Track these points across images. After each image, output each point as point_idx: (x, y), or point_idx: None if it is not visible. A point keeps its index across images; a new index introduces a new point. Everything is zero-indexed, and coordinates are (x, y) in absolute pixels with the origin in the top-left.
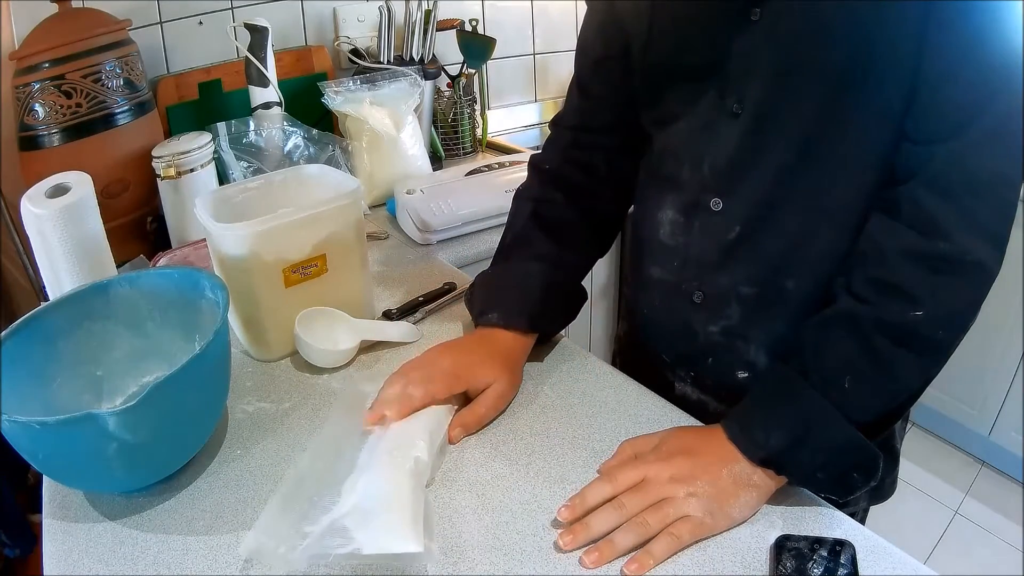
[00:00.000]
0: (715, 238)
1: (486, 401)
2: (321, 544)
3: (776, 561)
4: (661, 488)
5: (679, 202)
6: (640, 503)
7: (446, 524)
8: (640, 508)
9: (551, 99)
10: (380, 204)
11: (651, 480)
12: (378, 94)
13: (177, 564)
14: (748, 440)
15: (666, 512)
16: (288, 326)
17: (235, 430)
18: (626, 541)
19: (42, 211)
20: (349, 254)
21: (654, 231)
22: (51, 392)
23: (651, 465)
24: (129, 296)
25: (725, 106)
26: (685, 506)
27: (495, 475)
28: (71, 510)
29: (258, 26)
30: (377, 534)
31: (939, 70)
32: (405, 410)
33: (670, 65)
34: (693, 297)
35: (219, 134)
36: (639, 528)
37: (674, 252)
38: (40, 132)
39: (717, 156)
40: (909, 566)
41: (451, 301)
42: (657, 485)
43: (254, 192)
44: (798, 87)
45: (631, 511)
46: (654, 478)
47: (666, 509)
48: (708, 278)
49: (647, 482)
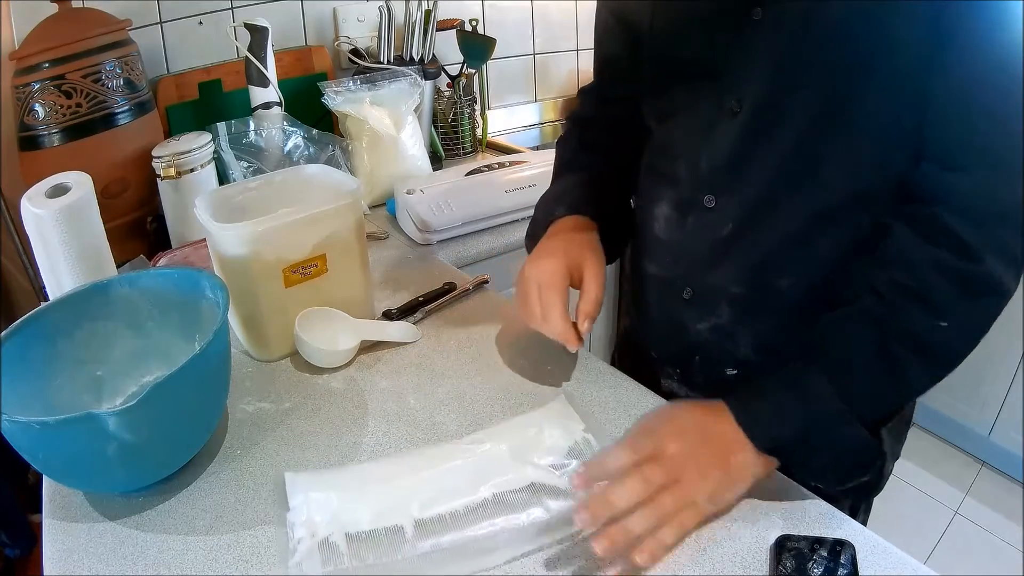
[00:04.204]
0: (707, 235)
1: (591, 285)
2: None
3: (776, 561)
4: (681, 468)
5: (675, 198)
6: (662, 480)
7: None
8: (659, 484)
9: (551, 99)
10: (380, 204)
11: (673, 457)
12: (378, 94)
13: (177, 564)
14: (759, 427)
15: (682, 497)
16: (288, 326)
17: (235, 430)
18: (642, 526)
19: (42, 211)
20: (349, 254)
21: (649, 226)
22: (51, 392)
23: (669, 441)
24: (129, 296)
25: (724, 104)
26: (696, 493)
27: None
28: (71, 510)
29: (258, 26)
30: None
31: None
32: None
33: (670, 61)
34: (683, 294)
35: (219, 134)
36: (656, 514)
37: (667, 248)
38: (40, 132)
39: (714, 154)
40: (909, 566)
41: (451, 301)
42: (677, 464)
43: (254, 192)
44: (798, 88)
45: (652, 488)
46: (674, 455)
47: (681, 492)
48: (698, 275)
49: (667, 458)
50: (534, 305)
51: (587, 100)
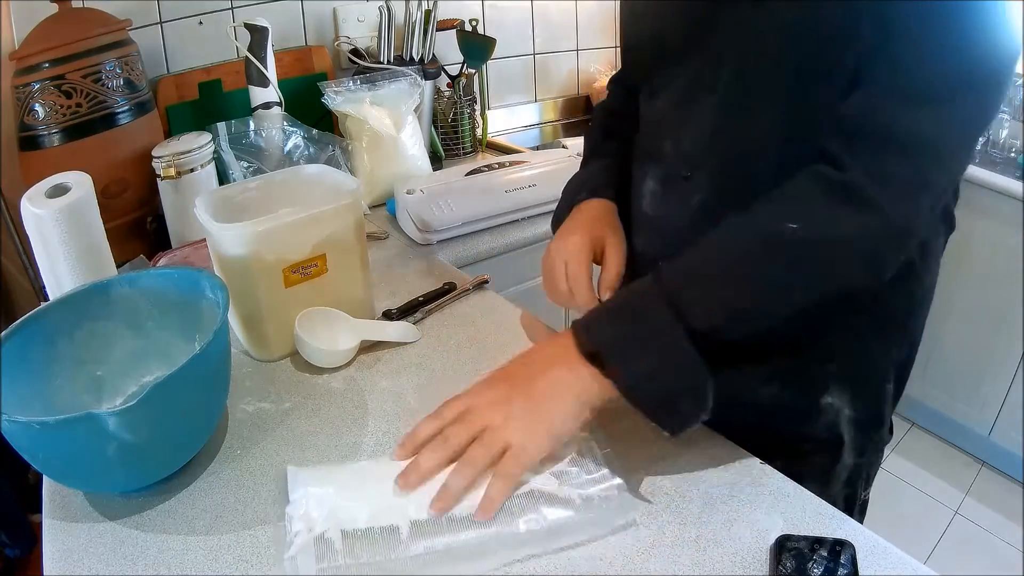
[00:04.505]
0: (682, 206)
1: (611, 260)
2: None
3: (776, 561)
4: (483, 415)
5: (659, 174)
6: (464, 434)
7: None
8: (465, 439)
9: (551, 99)
10: (380, 204)
11: (473, 409)
12: (378, 94)
13: (177, 564)
14: (585, 330)
15: (490, 441)
16: (288, 326)
17: (235, 430)
18: (459, 483)
19: (42, 211)
20: (349, 254)
21: (639, 202)
22: (51, 392)
23: (473, 395)
24: (129, 296)
25: (702, 82)
26: (505, 432)
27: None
28: (71, 510)
29: (258, 26)
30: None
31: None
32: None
33: (651, 41)
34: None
35: (219, 134)
36: (468, 468)
37: (652, 223)
38: (40, 132)
39: (693, 131)
40: (909, 566)
41: (451, 301)
42: (478, 413)
43: (254, 192)
44: (769, 72)
45: (455, 444)
46: (475, 406)
47: (489, 438)
48: (674, 245)
49: (469, 411)
50: (560, 280)
51: (615, 89)
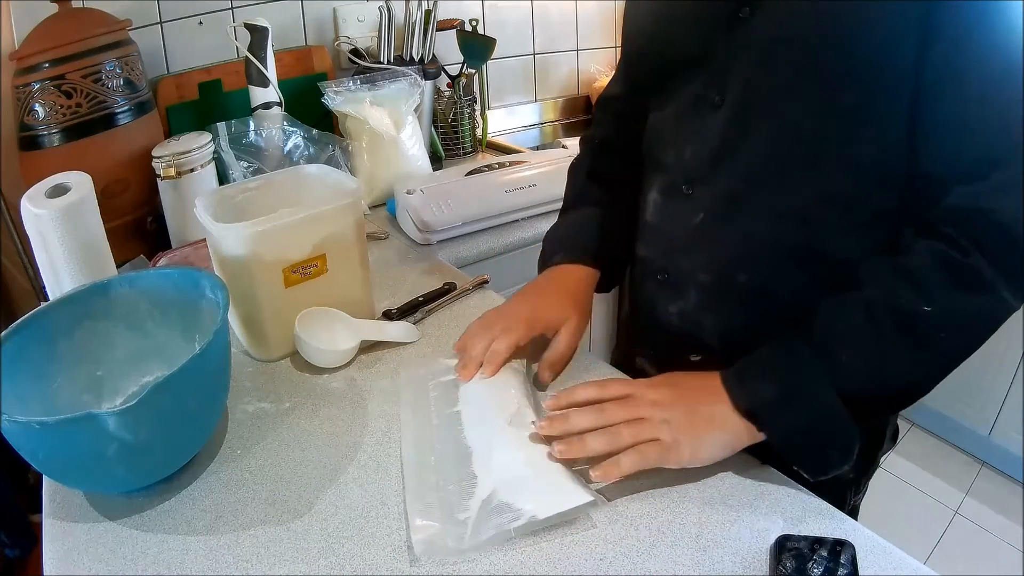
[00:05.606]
0: (682, 221)
1: (564, 339)
2: (491, 524)
3: (776, 561)
4: (642, 408)
5: (662, 184)
6: (620, 415)
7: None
8: (619, 419)
9: (551, 99)
10: (380, 204)
11: (635, 398)
12: (378, 94)
13: (177, 564)
14: (740, 387)
15: (640, 429)
16: (288, 326)
17: (235, 430)
18: (597, 444)
19: (42, 211)
20: (349, 254)
21: (644, 210)
22: (51, 392)
23: (639, 387)
24: (129, 296)
25: (708, 98)
26: (658, 430)
27: None
28: (71, 510)
29: (258, 26)
30: (545, 497)
31: (959, 100)
32: (496, 366)
33: (660, 53)
34: (659, 276)
35: (219, 134)
36: (612, 437)
37: (653, 231)
38: (40, 132)
39: (696, 144)
40: (909, 566)
41: (451, 301)
42: (639, 404)
43: (254, 192)
44: (779, 87)
45: (610, 419)
46: (639, 397)
47: (641, 427)
48: (674, 259)
49: (631, 398)
50: (479, 348)
51: (602, 118)
